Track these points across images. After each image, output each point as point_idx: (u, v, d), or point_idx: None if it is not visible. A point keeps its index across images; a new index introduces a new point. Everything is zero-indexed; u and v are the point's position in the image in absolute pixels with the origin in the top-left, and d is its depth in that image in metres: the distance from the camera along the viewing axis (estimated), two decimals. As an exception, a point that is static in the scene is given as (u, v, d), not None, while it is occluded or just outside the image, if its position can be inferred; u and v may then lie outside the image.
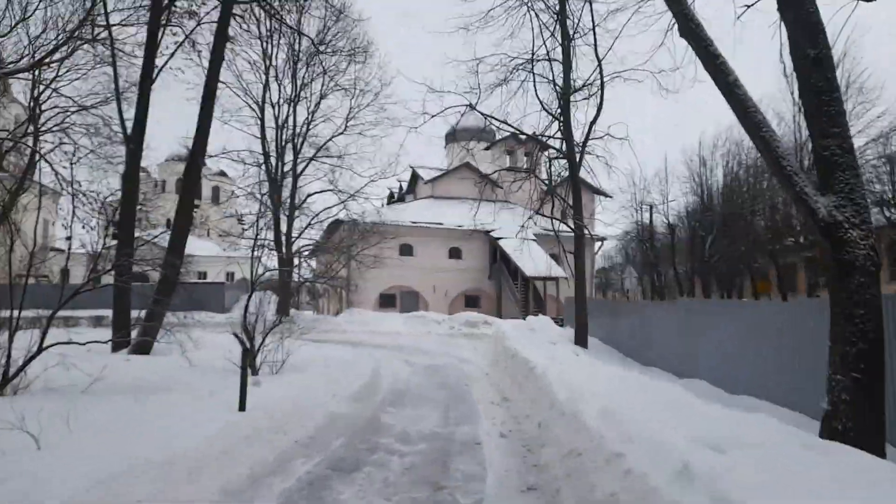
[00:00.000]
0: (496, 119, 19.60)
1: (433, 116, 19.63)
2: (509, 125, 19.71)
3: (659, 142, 50.13)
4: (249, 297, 12.80)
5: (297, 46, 27.47)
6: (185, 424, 5.72)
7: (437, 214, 38.55)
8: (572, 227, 19.35)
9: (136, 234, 16.20)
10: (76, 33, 15.96)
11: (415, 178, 46.12)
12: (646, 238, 39.46)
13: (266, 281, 26.49)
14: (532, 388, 8.78)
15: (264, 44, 27.11)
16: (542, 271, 33.07)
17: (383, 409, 8.85)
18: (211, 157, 27.45)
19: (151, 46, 15.50)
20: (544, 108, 19.62)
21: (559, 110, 19.81)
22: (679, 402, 5.86)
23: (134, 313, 15.11)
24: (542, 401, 7.74)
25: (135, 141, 15.75)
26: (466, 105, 19.51)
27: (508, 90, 20.45)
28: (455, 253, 38.48)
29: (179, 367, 10.93)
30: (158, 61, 16.93)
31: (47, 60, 18.97)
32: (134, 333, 14.14)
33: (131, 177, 15.81)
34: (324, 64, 27.86)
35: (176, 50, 16.61)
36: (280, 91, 28.53)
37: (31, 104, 25.82)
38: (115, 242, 15.49)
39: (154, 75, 15.95)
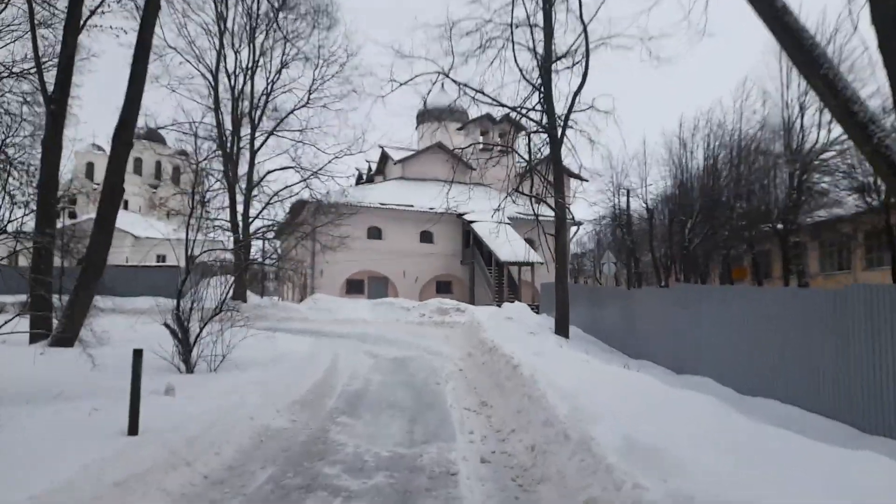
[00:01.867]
0: (471, 88, 17.84)
1: (402, 84, 17.84)
2: (485, 94, 17.95)
3: (639, 123, 48.87)
4: (183, 280, 10.92)
5: (254, 8, 25.23)
6: (33, 461, 3.96)
7: (407, 196, 36.71)
8: (553, 206, 17.77)
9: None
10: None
11: (384, 158, 44.14)
12: (623, 223, 38.21)
13: (222, 264, 24.45)
14: (517, 394, 7.17)
15: (218, 5, 24.82)
16: (518, 256, 31.57)
17: (334, 420, 7.14)
18: (159, 129, 25.24)
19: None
20: (524, 77, 17.92)
21: (539, 80, 18.14)
22: (733, 426, 4.29)
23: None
24: (532, 413, 6.13)
25: (57, 102, 13.61)
26: (438, 72, 17.71)
27: (486, 58, 18.56)
28: (426, 237, 36.74)
29: (89, 365, 9.06)
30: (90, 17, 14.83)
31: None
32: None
33: (52, 143, 13.65)
34: (285, 29, 25.67)
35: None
36: (237, 60, 26.29)
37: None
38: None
39: (80, 24, 13.78)
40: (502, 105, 18.09)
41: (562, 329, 16.98)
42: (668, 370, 11.68)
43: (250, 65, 25.90)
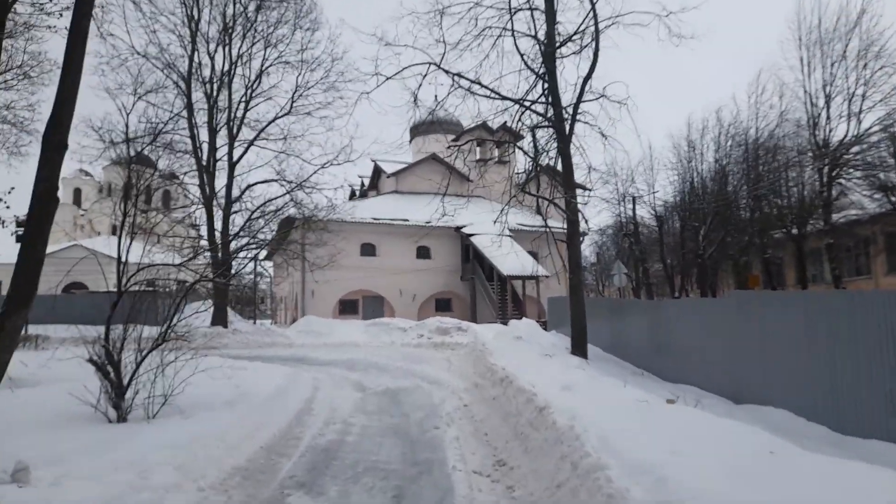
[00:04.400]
0: (466, 79, 15.73)
1: (389, 78, 15.76)
2: (482, 85, 15.87)
3: (644, 125, 46.85)
4: (114, 305, 8.70)
5: (229, 9, 23.28)
6: None
7: (401, 210, 34.64)
8: (563, 208, 15.63)
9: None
10: None
11: (377, 172, 42.16)
12: (630, 232, 36.12)
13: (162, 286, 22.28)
14: (551, 454, 4.96)
15: (188, 6, 22.87)
16: (521, 269, 29.39)
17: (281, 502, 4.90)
18: (129, 140, 23.09)
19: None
20: (525, 64, 15.88)
21: (543, 68, 16.11)
22: None
23: None
24: (582, 493, 3.91)
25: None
26: (429, 63, 15.65)
27: (481, 50, 16.55)
28: (423, 252, 34.58)
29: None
30: None
31: None
32: None
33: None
34: (264, 32, 23.72)
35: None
36: (212, 66, 24.28)
37: None
38: None
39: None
40: (502, 97, 15.98)
41: (579, 349, 14.73)
42: (722, 398, 9.46)
43: (227, 70, 23.89)
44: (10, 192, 18.32)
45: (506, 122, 17.80)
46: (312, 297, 31.76)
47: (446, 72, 15.61)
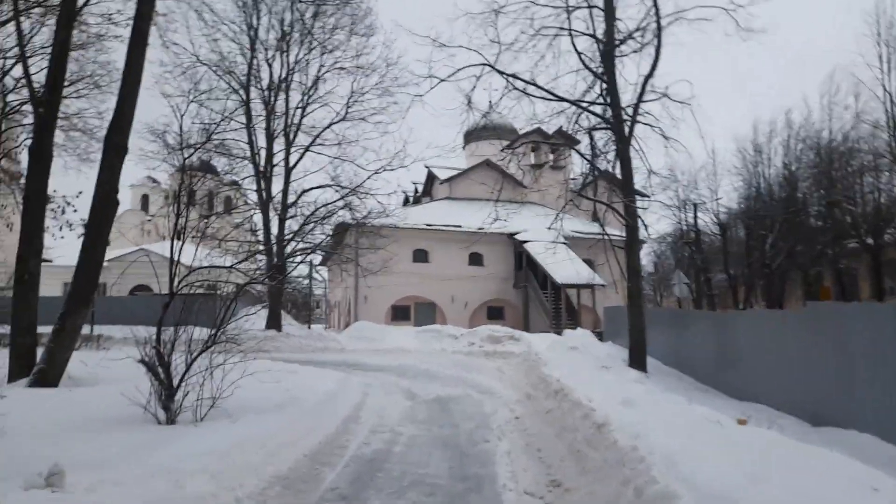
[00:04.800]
0: (521, 79, 15.40)
1: (442, 80, 15.63)
2: (537, 86, 15.47)
3: (708, 128, 44.96)
4: (166, 306, 8.72)
5: (287, 17, 23.68)
6: None
7: (454, 216, 34.40)
8: (622, 213, 15.03)
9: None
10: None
11: (431, 178, 42.14)
12: (691, 241, 34.71)
13: (254, 291, 22.60)
14: (613, 477, 4.52)
15: (248, 15, 23.38)
16: (576, 277, 28.65)
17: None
18: (193, 149, 23.75)
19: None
20: (583, 63, 15.44)
21: (601, 68, 15.59)
22: None
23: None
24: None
25: (47, 102, 11.90)
26: (483, 64, 15.39)
27: (536, 51, 16.11)
28: (475, 259, 34.22)
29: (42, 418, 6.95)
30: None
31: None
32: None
33: (40, 152, 11.91)
34: (321, 38, 23.98)
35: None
36: (270, 73, 24.75)
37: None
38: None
39: (76, 10, 12.05)
40: (558, 98, 15.54)
41: (638, 361, 14.09)
42: (797, 419, 8.71)
43: (284, 77, 24.29)
44: (77, 196, 19.05)
45: (561, 126, 17.35)
46: (365, 302, 31.86)
47: (500, 73, 15.32)
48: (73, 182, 28.24)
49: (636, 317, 14.37)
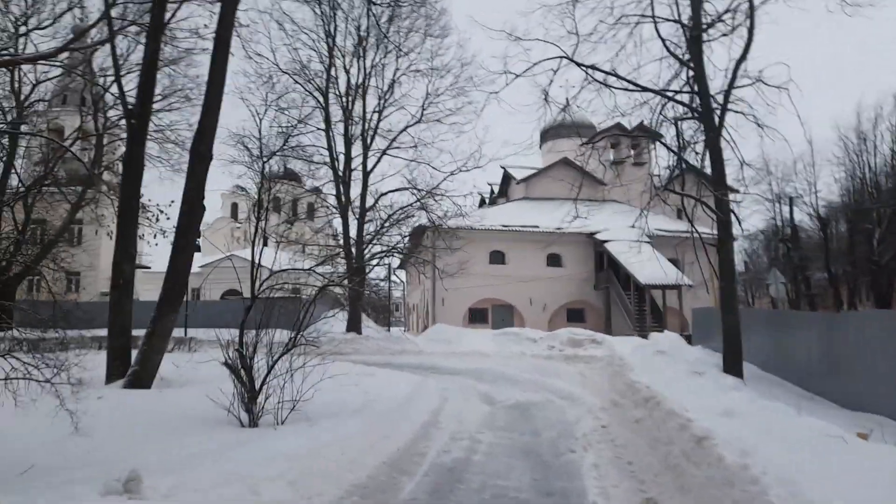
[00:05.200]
0: (600, 71, 14.74)
1: (518, 76, 15.21)
2: (619, 76, 14.77)
3: (805, 113, 41.48)
4: (248, 310, 8.83)
5: (363, 23, 24.01)
6: None
7: (531, 216, 33.82)
8: (712, 208, 14.08)
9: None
10: None
11: (507, 179, 41.65)
12: (787, 237, 32.52)
13: (332, 294, 22.95)
14: (713, 493, 4.05)
15: (326, 23, 23.86)
16: (661, 278, 27.37)
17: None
18: (272, 155, 24.50)
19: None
20: (668, 50, 14.58)
21: (686, 54, 14.69)
22: None
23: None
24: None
25: (137, 115, 12.46)
26: (561, 57, 14.85)
27: (615, 41, 15.36)
28: (554, 260, 33.48)
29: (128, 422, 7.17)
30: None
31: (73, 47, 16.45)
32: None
33: (133, 161, 12.48)
34: (396, 42, 24.15)
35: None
36: (348, 79, 25.15)
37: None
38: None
39: (162, 24, 12.51)
40: (642, 88, 14.76)
41: (733, 366, 13.09)
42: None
43: (361, 81, 24.65)
44: (170, 205, 19.93)
45: (642, 121, 16.51)
46: (442, 305, 31.83)
47: (579, 65, 14.71)
48: (167, 191, 29.78)
49: (730, 318, 13.39)
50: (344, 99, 25.21)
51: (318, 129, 24.43)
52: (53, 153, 23.68)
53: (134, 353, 11.36)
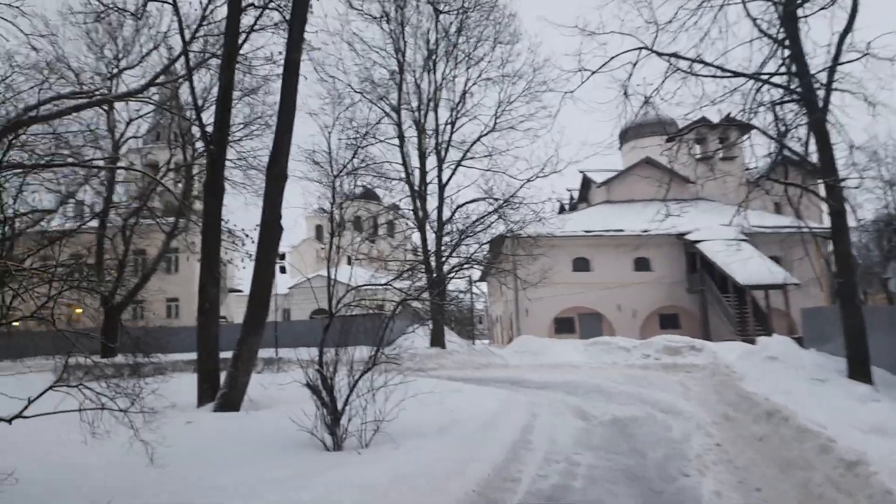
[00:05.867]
0: (684, 58, 13.74)
1: (594, 72, 14.46)
2: (706, 63, 13.70)
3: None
4: (326, 328, 8.59)
5: (432, 36, 23.92)
6: None
7: (615, 220, 32.51)
8: (824, 197, 12.71)
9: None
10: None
11: (586, 183, 40.41)
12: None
13: (415, 308, 22.75)
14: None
15: (396, 40, 23.94)
16: (763, 277, 25.43)
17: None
18: (342, 170, 24.76)
19: (234, 16, 12.29)
20: (761, 31, 13.41)
21: (781, 32, 13.44)
22: None
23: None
24: None
25: (216, 141, 12.71)
26: (639, 48, 13.99)
27: (697, 28, 14.31)
28: (641, 264, 31.95)
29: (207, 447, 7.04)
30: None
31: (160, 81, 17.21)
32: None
33: (213, 187, 12.73)
34: (465, 50, 23.91)
35: (260, 16, 13.32)
36: (419, 94, 25.10)
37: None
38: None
39: (234, 54, 12.74)
40: (733, 73, 13.63)
41: (860, 372, 11.63)
42: None
43: (432, 95, 24.53)
44: (255, 229, 20.35)
45: (729, 113, 15.29)
46: (527, 315, 31.04)
47: (660, 54, 13.77)
48: (253, 216, 30.74)
49: (853, 318, 11.93)
50: (416, 113, 25.18)
51: (392, 144, 24.51)
52: (147, 186, 25.02)
53: (223, 376, 11.49)
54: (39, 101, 14.88)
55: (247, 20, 13.76)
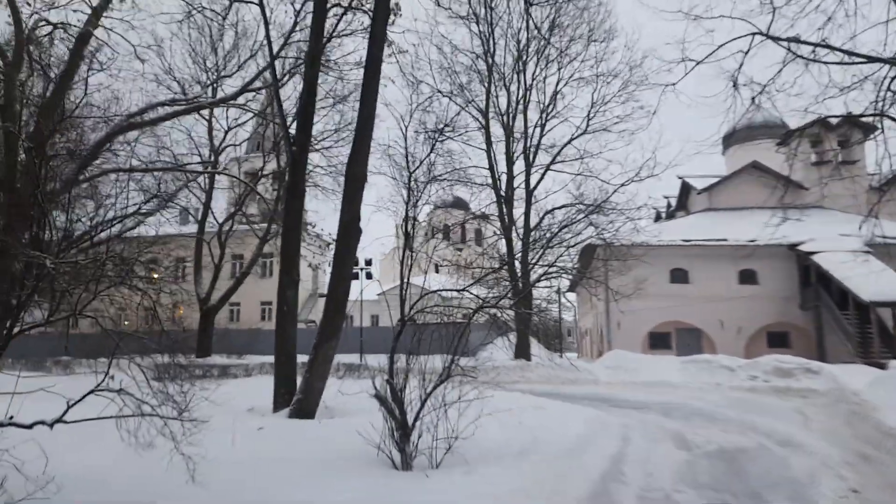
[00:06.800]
0: (806, 43, 12.21)
1: (699, 63, 13.16)
2: (832, 48, 12.12)
3: None
4: (397, 336, 8.03)
5: (523, 35, 23.18)
6: None
7: (717, 229, 30.30)
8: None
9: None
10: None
11: (686, 190, 38.07)
12: None
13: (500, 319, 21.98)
14: None
15: (485, 42, 23.38)
16: (891, 294, 22.64)
17: None
18: (435, 180, 24.40)
19: (319, 16, 12.16)
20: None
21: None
22: None
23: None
24: None
25: (299, 141, 12.60)
26: (753, 33, 12.60)
27: (819, 11, 12.70)
28: (747, 276, 29.52)
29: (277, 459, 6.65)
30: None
31: (253, 87, 17.58)
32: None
33: (295, 189, 12.60)
34: (558, 49, 22.96)
35: (344, 13, 13.16)
36: (508, 96, 24.40)
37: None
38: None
39: (321, 46, 12.57)
40: (867, 59, 11.95)
41: None
42: None
43: (521, 97, 23.75)
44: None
45: (849, 111, 13.49)
46: (619, 329, 29.47)
47: (777, 39, 12.30)
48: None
49: None
50: (504, 117, 24.49)
51: (479, 148, 23.92)
52: (243, 193, 25.86)
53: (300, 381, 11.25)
54: (142, 108, 15.52)
55: (333, 23, 13.69)
